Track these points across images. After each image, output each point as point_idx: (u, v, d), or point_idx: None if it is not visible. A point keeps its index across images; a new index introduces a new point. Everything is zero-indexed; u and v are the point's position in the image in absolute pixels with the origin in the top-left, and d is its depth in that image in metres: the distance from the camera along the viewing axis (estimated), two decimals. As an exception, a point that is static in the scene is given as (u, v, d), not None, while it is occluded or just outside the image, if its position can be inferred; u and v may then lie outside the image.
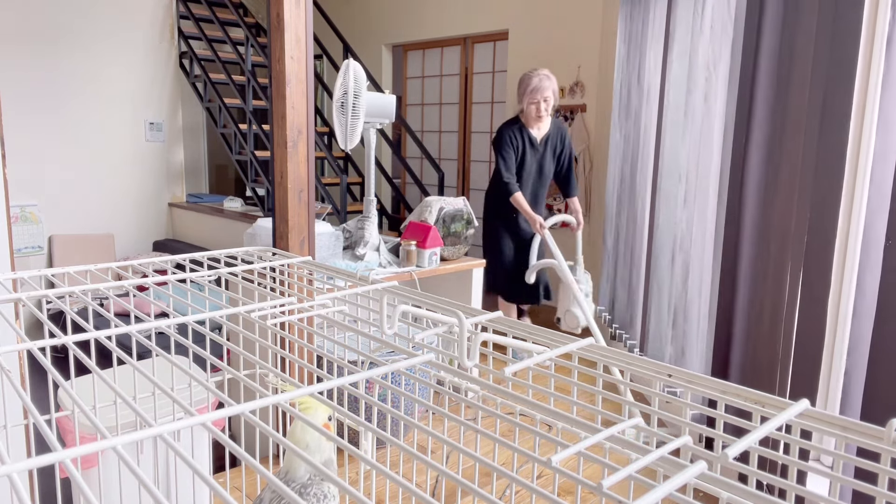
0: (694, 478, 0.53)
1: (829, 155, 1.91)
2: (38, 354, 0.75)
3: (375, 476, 2.20)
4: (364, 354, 0.82)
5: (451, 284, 3.34)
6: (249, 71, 4.84)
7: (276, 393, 0.92)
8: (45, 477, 2.45)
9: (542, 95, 3.50)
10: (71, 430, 1.61)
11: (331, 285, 1.12)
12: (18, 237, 4.62)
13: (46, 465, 0.54)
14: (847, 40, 1.85)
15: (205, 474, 0.50)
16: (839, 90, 1.88)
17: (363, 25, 6.30)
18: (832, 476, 0.57)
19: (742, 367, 2.40)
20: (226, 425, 2.44)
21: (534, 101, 3.50)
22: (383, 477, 1.04)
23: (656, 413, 0.70)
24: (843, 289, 2.08)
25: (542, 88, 3.49)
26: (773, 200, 2.20)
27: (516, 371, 0.73)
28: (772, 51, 2.21)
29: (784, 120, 2.14)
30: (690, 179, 2.82)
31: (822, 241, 1.94)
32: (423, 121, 6.16)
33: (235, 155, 4.91)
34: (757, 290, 2.29)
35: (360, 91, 2.79)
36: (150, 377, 0.73)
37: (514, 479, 0.54)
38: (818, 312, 1.95)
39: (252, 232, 2.75)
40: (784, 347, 2.11)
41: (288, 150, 2.27)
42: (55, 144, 4.76)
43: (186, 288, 1.05)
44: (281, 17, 2.19)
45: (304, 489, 1.00)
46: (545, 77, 3.49)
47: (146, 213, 5.30)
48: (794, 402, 0.66)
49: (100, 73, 4.90)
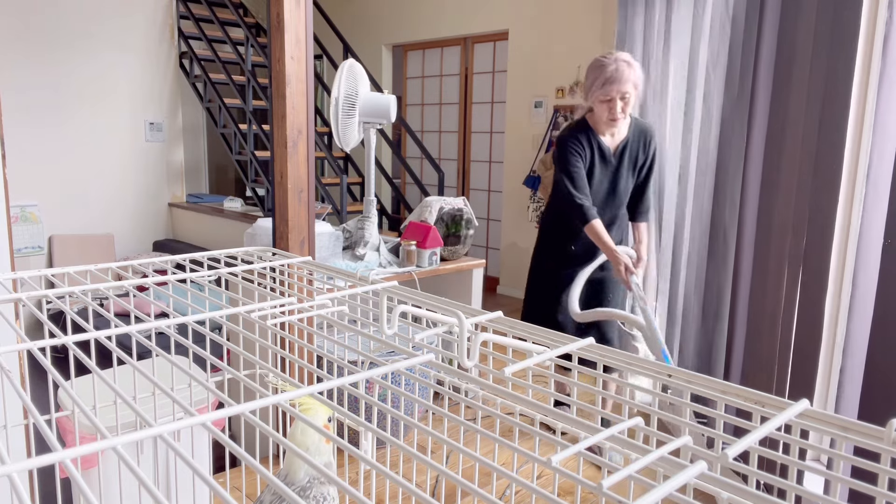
0: (694, 478, 0.53)
1: (827, 154, 1.91)
2: (38, 354, 0.75)
3: (375, 476, 2.20)
4: (364, 354, 0.82)
5: (451, 284, 3.34)
6: (249, 71, 4.84)
7: (276, 393, 0.92)
8: (45, 477, 2.45)
9: (620, 90, 2.45)
10: (71, 430, 1.61)
11: (331, 285, 1.12)
12: (18, 237, 4.62)
13: (46, 465, 0.54)
14: (845, 40, 1.85)
15: (205, 474, 0.51)
16: (837, 89, 1.88)
17: (363, 25, 6.30)
18: (832, 476, 0.57)
19: (740, 367, 2.40)
20: (226, 425, 2.44)
21: (607, 97, 2.47)
22: (383, 477, 1.04)
23: (656, 413, 0.70)
24: (842, 288, 2.08)
25: (619, 80, 2.43)
26: (772, 200, 2.20)
27: (515, 371, 0.73)
28: (770, 50, 2.21)
29: (783, 119, 2.14)
30: (689, 179, 2.82)
31: (819, 240, 1.94)
32: (423, 121, 6.16)
33: (235, 155, 4.91)
34: (755, 289, 2.29)
35: (355, 91, 2.79)
36: (150, 377, 0.73)
37: (514, 479, 0.54)
38: (816, 312, 1.95)
39: (252, 232, 2.75)
40: (782, 347, 2.11)
41: (288, 150, 2.27)
42: (55, 144, 4.76)
43: (186, 288, 1.05)
44: (281, 17, 2.19)
45: (304, 492, 1.00)
46: (624, 64, 2.44)
47: (146, 213, 5.30)
48: (793, 402, 0.66)
49: (100, 74, 4.90)
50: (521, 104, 5.11)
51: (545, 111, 4.93)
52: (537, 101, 4.98)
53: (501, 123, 5.47)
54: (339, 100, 2.75)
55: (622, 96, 2.46)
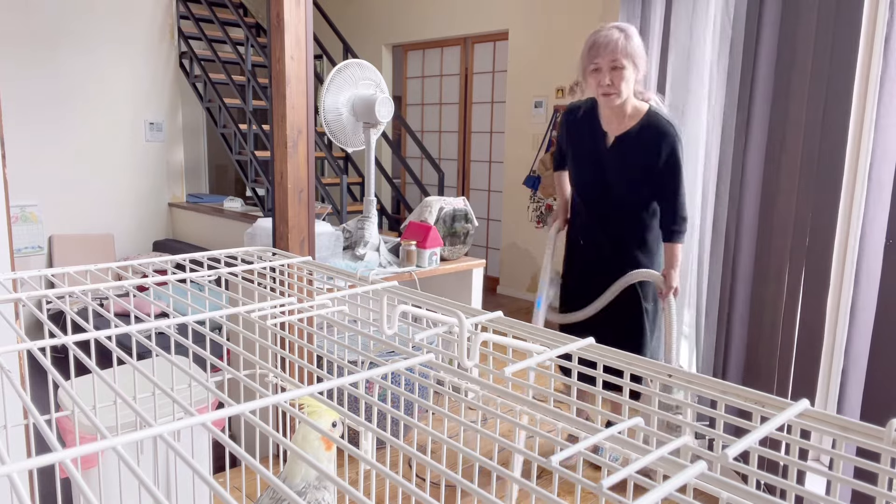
0: (694, 478, 0.53)
1: (829, 153, 1.91)
2: (38, 354, 0.75)
3: (375, 476, 2.20)
4: (364, 354, 0.82)
5: (451, 284, 3.34)
6: (249, 71, 4.84)
7: (277, 391, 0.92)
8: (45, 477, 2.45)
9: (609, 58, 2.12)
10: (71, 430, 1.61)
11: (331, 285, 1.12)
12: (18, 237, 4.62)
13: (46, 465, 0.54)
14: (846, 39, 1.85)
15: (205, 474, 0.50)
16: (838, 88, 1.88)
17: (363, 25, 6.30)
18: (832, 476, 0.57)
19: (742, 367, 2.40)
20: (226, 425, 2.44)
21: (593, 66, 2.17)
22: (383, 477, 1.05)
23: (656, 413, 0.70)
24: (843, 288, 2.08)
25: (607, 46, 2.11)
26: (773, 200, 2.20)
27: (515, 371, 0.73)
28: (771, 50, 2.21)
29: (783, 119, 2.14)
30: (690, 178, 2.82)
31: (821, 239, 1.94)
32: (423, 121, 6.16)
33: (235, 155, 4.91)
34: (757, 289, 2.29)
35: (343, 98, 2.81)
36: (150, 377, 0.73)
37: (514, 479, 0.54)
38: (818, 312, 1.95)
39: (252, 232, 2.76)
40: (784, 347, 2.11)
41: (288, 150, 2.27)
42: (55, 144, 4.76)
43: (186, 288, 1.05)
44: (281, 17, 2.19)
45: (299, 497, 1.00)
46: (616, 31, 2.13)
47: (146, 213, 5.30)
48: (793, 402, 0.66)
49: (100, 74, 4.90)
50: (521, 104, 5.11)
51: (545, 111, 4.93)
52: (537, 101, 4.98)
53: (501, 123, 5.48)
54: (325, 96, 2.76)
55: (613, 66, 2.13)
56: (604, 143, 2.30)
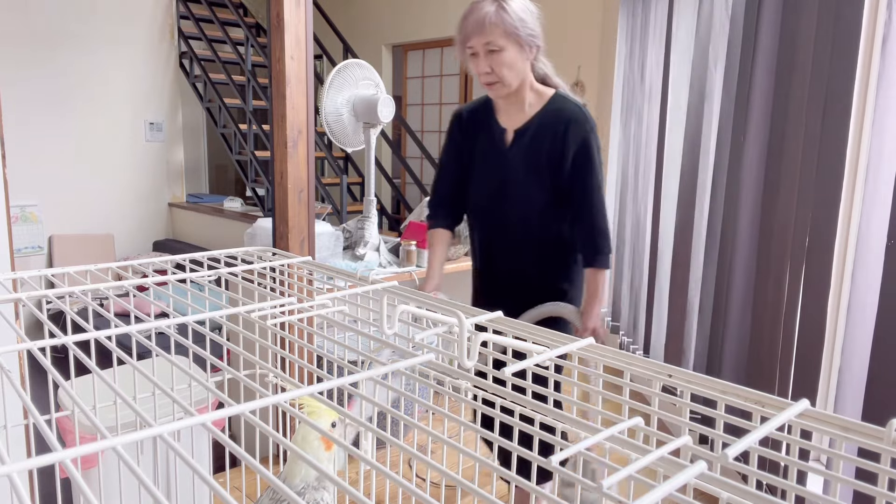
0: (694, 478, 0.53)
1: (829, 153, 1.91)
2: (38, 354, 0.75)
3: (375, 476, 2.20)
4: (364, 354, 0.82)
5: (451, 284, 3.34)
6: (249, 71, 4.84)
7: (277, 391, 0.92)
8: (45, 477, 2.44)
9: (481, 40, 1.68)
10: (71, 430, 1.61)
11: (331, 285, 1.12)
12: (18, 237, 4.62)
13: (46, 465, 0.54)
14: (846, 39, 1.85)
15: (205, 474, 0.50)
16: (838, 88, 1.88)
17: (363, 25, 6.30)
18: (832, 476, 0.57)
19: (742, 367, 2.40)
20: (226, 425, 2.44)
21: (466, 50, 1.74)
22: (383, 477, 1.05)
23: (656, 413, 0.70)
24: (843, 288, 2.08)
25: (472, 23, 1.69)
26: (773, 199, 2.20)
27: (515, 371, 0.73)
28: (771, 50, 2.21)
29: (783, 119, 2.14)
30: (691, 179, 2.82)
31: (821, 239, 1.94)
32: (423, 121, 6.16)
33: (235, 155, 4.91)
34: (757, 289, 2.29)
35: (344, 98, 2.81)
36: (150, 377, 0.73)
37: (514, 478, 0.54)
38: (818, 312, 1.95)
39: (252, 232, 2.76)
40: (784, 347, 2.11)
41: (288, 150, 2.27)
42: (55, 144, 4.76)
43: (186, 288, 1.05)
44: (281, 17, 2.19)
45: (300, 496, 1.00)
46: (489, 2, 1.68)
47: (146, 213, 5.30)
48: (794, 402, 0.66)
49: (100, 73, 4.90)
50: (522, 104, 5.10)
51: (545, 111, 4.92)
52: (537, 101, 4.97)
53: (501, 123, 5.47)
54: (324, 97, 2.76)
55: (488, 49, 1.68)
56: (503, 141, 1.83)
